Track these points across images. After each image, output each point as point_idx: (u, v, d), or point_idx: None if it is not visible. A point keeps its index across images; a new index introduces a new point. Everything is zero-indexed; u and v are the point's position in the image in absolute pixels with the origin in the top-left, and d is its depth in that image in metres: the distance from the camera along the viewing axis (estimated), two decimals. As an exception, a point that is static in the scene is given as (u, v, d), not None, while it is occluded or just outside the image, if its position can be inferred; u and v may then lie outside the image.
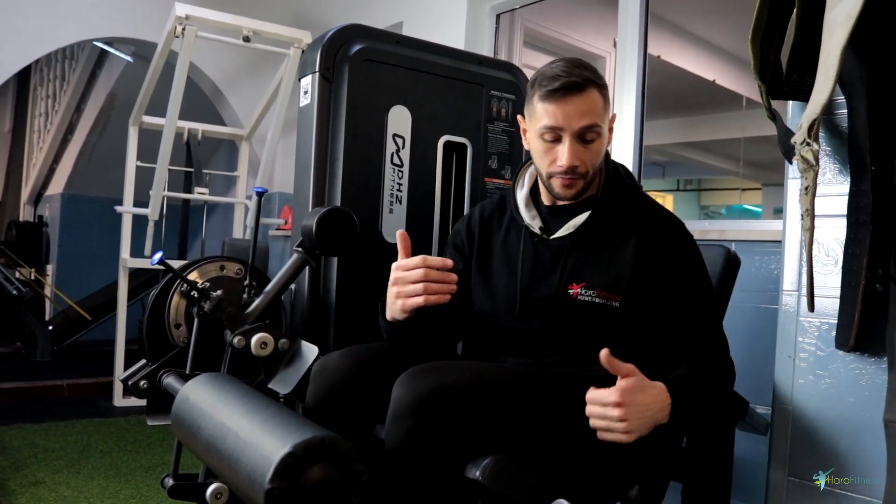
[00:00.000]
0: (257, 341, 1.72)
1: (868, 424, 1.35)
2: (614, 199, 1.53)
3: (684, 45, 5.01)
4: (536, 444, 1.31)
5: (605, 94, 1.47)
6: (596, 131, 1.43)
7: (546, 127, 1.44)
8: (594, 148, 1.45)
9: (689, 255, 1.49)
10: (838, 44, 1.21)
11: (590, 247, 1.49)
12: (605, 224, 1.50)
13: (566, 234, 1.51)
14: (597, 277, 1.46)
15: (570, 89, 1.41)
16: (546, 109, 1.43)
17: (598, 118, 1.43)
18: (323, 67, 2.09)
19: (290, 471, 1.03)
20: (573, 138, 1.43)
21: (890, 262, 1.32)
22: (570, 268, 1.48)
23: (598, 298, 1.45)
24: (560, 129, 1.43)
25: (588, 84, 1.42)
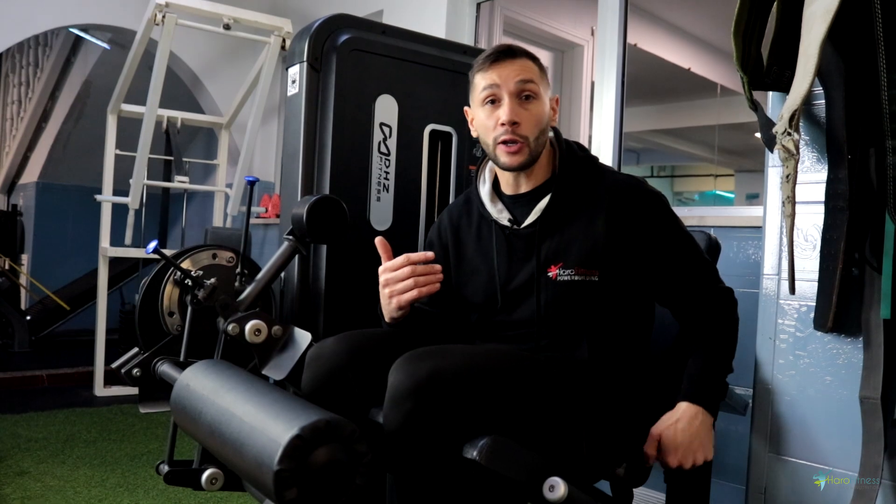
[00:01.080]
0: (251, 328, 1.75)
1: (845, 401, 1.41)
2: (573, 176, 1.55)
3: (660, 33, 5.07)
4: (530, 424, 1.35)
5: (541, 67, 1.55)
6: (532, 89, 1.49)
7: (485, 88, 1.51)
8: (533, 109, 1.50)
9: (660, 216, 1.51)
10: (817, 37, 1.26)
11: (560, 227, 1.52)
12: (570, 202, 1.53)
13: (534, 219, 1.54)
14: (572, 256, 1.49)
15: (504, 54, 1.51)
16: (483, 77, 1.52)
17: (533, 77, 1.50)
18: (311, 57, 2.10)
19: (298, 452, 1.07)
20: (511, 96, 1.49)
21: (866, 247, 1.38)
22: (545, 252, 1.52)
23: (577, 276, 1.48)
24: (497, 87, 1.50)
25: (520, 53, 1.52)
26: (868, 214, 1.36)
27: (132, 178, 4.05)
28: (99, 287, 4.28)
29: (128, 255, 4.48)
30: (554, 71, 4.22)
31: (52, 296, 5.44)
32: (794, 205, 1.28)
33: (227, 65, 4.86)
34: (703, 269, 1.53)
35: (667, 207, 1.53)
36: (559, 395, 1.39)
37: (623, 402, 1.48)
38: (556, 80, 4.21)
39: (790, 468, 1.49)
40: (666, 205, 1.53)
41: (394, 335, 1.55)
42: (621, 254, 1.48)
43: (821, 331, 1.45)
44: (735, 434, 2.13)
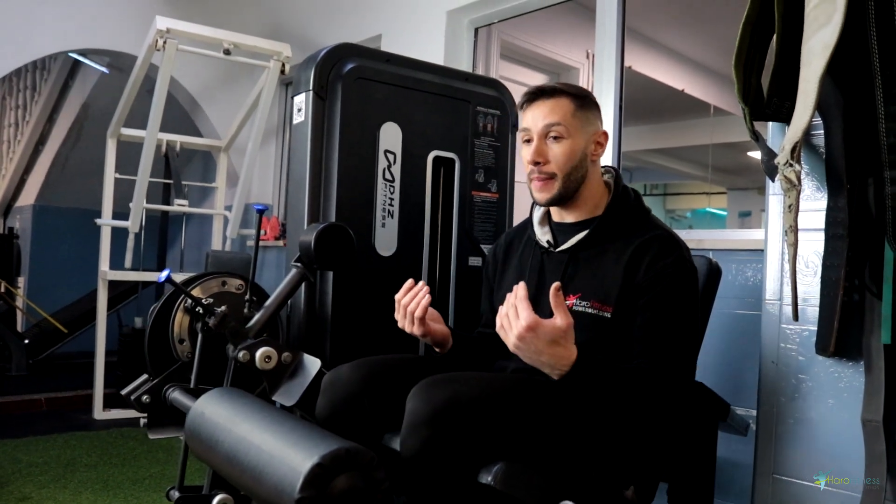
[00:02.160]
0: (262, 355, 1.77)
1: (847, 424, 1.45)
2: (617, 218, 1.61)
3: (655, 55, 5.14)
4: (543, 449, 1.38)
5: (581, 104, 1.61)
6: (558, 130, 1.57)
7: (521, 130, 1.64)
8: (559, 147, 1.58)
9: (675, 272, 1.51)
10: (816, 72, 1.30)
11: (588, 260, 1.59)
12: (605, 239, 1.59)
13: (567, 247, 1.62)
14: (590, 289, 1.55)
15: (537, 95, 1.61)
16: (522, 116, 1.64)
17: (562, 118, 1.58)
18: (317, 86, 2.14)
19: (319, 480, 1.09)
20: (539, 137, 1.59)
21: (865, 273, 1.42)
22: (569, 279, 1.58)
23: (591, 309, 1.53)
24: (528, 130, 1.61)
25: (557, 92, 1.60)
26: (867, 242, 1.40)
27: (132, 202, 4.06)
28: (98, 310, 4.28)
29: (127, 278, 4.49)
30: (550, 93, 4.27)
31: (49, 319, 5.43)
32: (797, 233, 1.32)
33: (224, 88, 4.90)
34: (672, 344, 1.50)
35: (684, 278, 1.52)
36: (571, 421, 1.41)
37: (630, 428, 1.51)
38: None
39: (794, 489, 1.52)
40: (685, 275, 1.53)
41: (408, 361, 1.58)
42: (630, 297, 1.52)
43: (823, 355, 1.48)
44: (737, 455, 2.16)
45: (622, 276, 1.52)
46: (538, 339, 1.33)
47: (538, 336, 1.33)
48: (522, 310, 1.33)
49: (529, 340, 1.33)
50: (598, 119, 1.65)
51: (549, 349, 1.35)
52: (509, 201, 2.52)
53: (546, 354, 1.35)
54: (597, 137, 1.63)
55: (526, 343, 1.33)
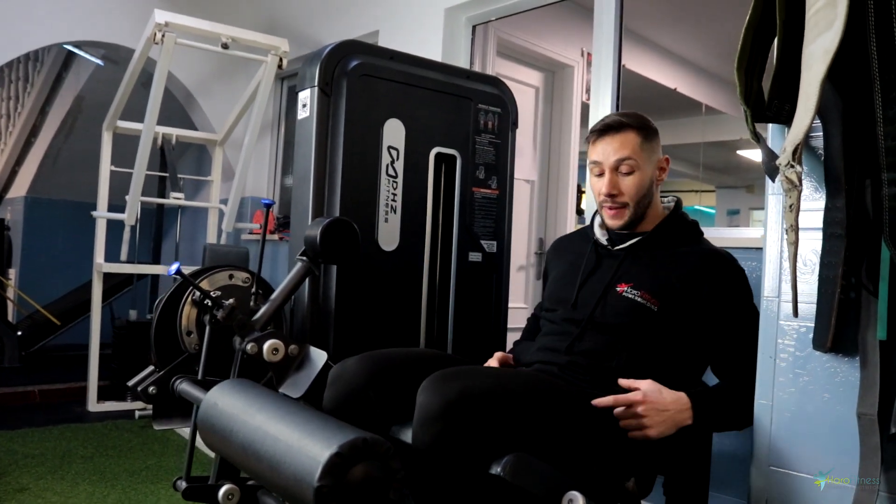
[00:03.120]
0: (269, 347, 1.80)
1: (843, 417, 1.49)
2: (672, 230, 1.75)
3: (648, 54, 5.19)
4: (551, 441, 1.42)
5: (647, 135, 1.71)
6: (629, 164, 1.68)
7: (592, 162, 1.74)
8: (631, 179, 1.69)
9: (736, 287, 1.67)
10: (817, 76, 1.34)
11: (644, 258, 1.72)
12: (660, 245, 1.73)
13: (624, 246, 1.74)
14: (643, 281, 1.67)
15: (607, 129, 1.71)
16: (591, 151, 1.74)
17: (632, 152, 1.68)
18: (322, 82, 2.17)
19: (337, 469, 1.12)
20: (611, 170, 1.70)
21: (862, 272, 1.46)
22: (623, 271, 1.70)
23: (640, 298, 1.64)
24: (600, 163, 1.71)
25: (624, 126, 1.70)
26: (864, 241, 1.44)
27: (129, 195, 4.07)
28: (93, 302, 4.29)
29: (123, 270, 4.49)
30: (545, 91, 4.32)
31: (42, 310, 5.42)
32: (798, 233, 1.36)
33: (219, 82, 4.91)
34: (751, 345, 1.63)
35: (744, 282, 1.70)
36: (578, 414, 1.45)
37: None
38: (546, 100, 4.31)
39: (790, 481, 1.56)
40: (744, 280, 1.70)
41: (414, 355, 1.62)
42: (686, 302, 1.63)
43: (820, 351, 1.52)
44: (732, 448, 2.21)
45: (680, 281, 1.65)
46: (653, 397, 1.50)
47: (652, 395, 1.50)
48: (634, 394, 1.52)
49: (651, 405, 1.50)
50: (659, 146, 1.75)
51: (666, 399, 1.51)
52: (509, 198, 2.56)
53: (669, 407, 1.51)
54: (660, 164, 1.75)
55: (650, 408, 1.50)
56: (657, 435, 1.49)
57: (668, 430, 1.50)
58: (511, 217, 2.58)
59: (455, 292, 2.40)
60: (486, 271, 2.49)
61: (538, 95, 4.27)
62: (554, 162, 4.29)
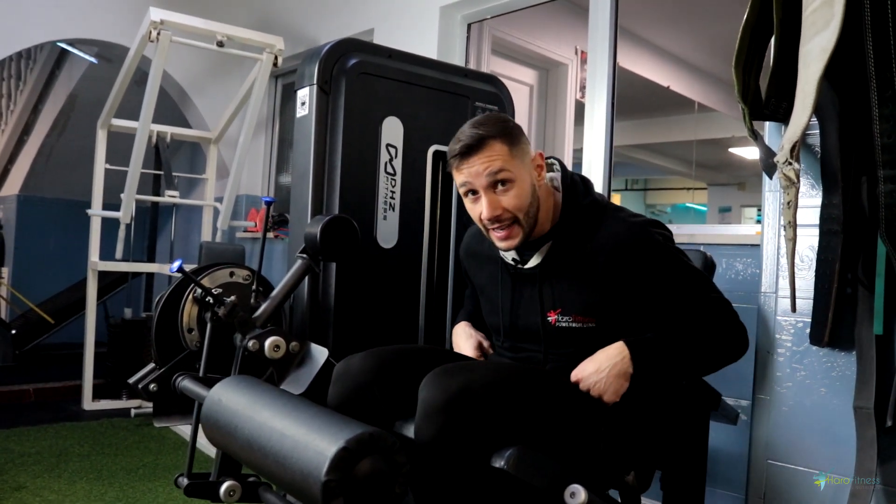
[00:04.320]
0: (271, 344, 1.81)
1: (839, 411, 1.51)
2: (574, 223, 1.58)
3: (641, 52, 5.21)
4: (552, 434, 1.44)
5: (512, 139, 1.53)
6: (504, 176, 1.51)
7: (461, 184, 1.57)
8: (512, 193, 1.52)
9: (659, 265, 1.52)
10: (815, 74, 1.36)
11: (559, 274, 1.58)
12: (570, 248, 1.57)
13: (535, 264, 1.60)
14: (569, 304, 1.57)
15: (468, 150, 1.52)
16: (457, 174, 1.57)
17: (503, 163, 1.51)
18: (321, 80, 2.18)
19: (344, 464, 1.13)
20: (486, 191, 1.52)
21: (858, 268, 1.48)
22: (546, 296, 1.59)
23: (574, 323, 1.56)
24: (471, 184, 1.54)
25: (485, 139, 1.51)
26: (861, 238, 1.47)
27: (124, 193, 4.06)
28: (88, 300, 4.28)
29: (118, 269, 4.48)
30: (539, 89, 4.33)
31: (35, 309, 5.41)
32: (796, 229, 1.38)
33: (213, 80, 4.90)
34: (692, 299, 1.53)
35: (666, 254, 1.53)
36: (579, 407, 1.47)
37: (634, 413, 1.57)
38: (540, 98, 4.33)
39: (788, 474, 1.59)
40: (665, 251, 1.53)
41: (418, 351, 1.63)
42: (619, 302, 1.54)
43: (816, 345, 1.55)
44: (728, 443, 2.23)
45: (601, 284, 1.53)
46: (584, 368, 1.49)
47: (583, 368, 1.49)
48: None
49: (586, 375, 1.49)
50: (528, 144, 1.59)
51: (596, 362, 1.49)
52: (506, 195, 2.57)
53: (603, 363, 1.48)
54: (535, 163, 1.58)
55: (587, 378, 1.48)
56: (614, 394, 1.46)
57: (618, 385, 1.46)
58: (508, 214, 2.59)
59: (453, 289, 2.41)
60: (484, 268, 2.50)
61: (532, 93, 4.29)
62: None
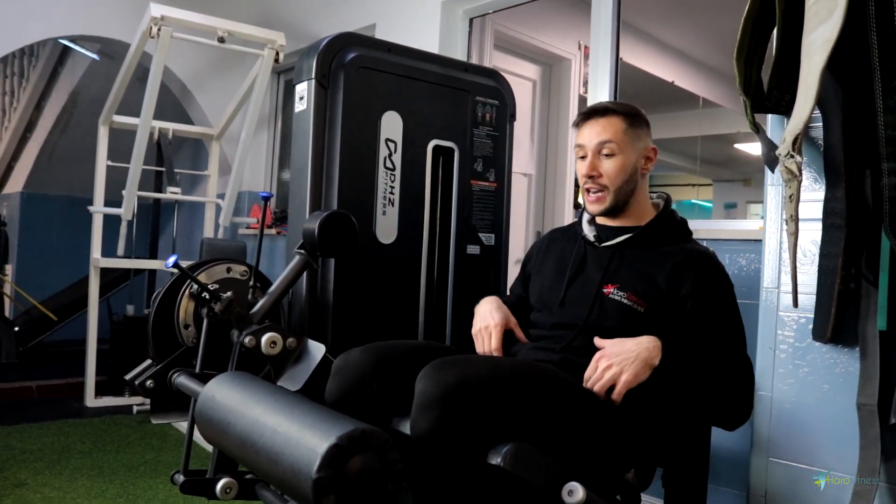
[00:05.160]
0: (267, 340, 1.80)
1: (842, 408, 1.49)
2: (660, 229, 1.71)
3: (645, 47, 5.17)
4: (550, 431, 1.42)
5: (632, 122, 1.70)
6: (610, 147, 1.67)
7: (576, 146, 1.74)
8: (612, 162, 1.67)
9: (719, 288, 1.62)
10: (818, 66, 1.34)
11: (631, 257, 1.68)
12: (648, 244, 1.69)
13: (612, 243, 1.71)
14: (629, 282, 1.64)
15: (592, 114, 1.72)
16: (577, 134, 1.74)
17: (613, 135, 1.67)
18: (319, 74, 2.16)
19: (336, 461, 1.12)
20: (593, 153, 1.69)
21: (862, 262, 1.46)
22: (610, 270, 1.67)
23: (627, 300, 1.62)
24: (582, 146, 1.71)
25: (608, 112, 1.70)
26: (864, 232, 1.44)
27: (125, 190, 4.05)
28: (90, 298, 4.27)
29: (120, 265, 4.48)
30: (542, 84, 4.31)
31: (39, 306, 5.41)
32: (798, 223, 1.35)
33: (215, 76, 4.89)
34: (729, 338, 1.59)
35: (723, 281, 1.64)
36: (578, 404, 1.45)
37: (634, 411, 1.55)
38: (543, 94, 4.30)
39: (790, 472, 1.56)
40: (726, 287, 1.64)
41: (417, 347, 1.61)
42: (670, 304, 1.60)
43: (819, 341, 1.52)
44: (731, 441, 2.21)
45: (665, 280, 1.61)
46: (613, 348, 1.50)
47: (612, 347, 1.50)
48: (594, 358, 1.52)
49: (612, 355, 1.49)
50: (648, 136, 1.73)
51: (627, 345, 1.49)
52: (507, 190, 2.55)
53: (633, 350, 1.48)
54: (646, 153, 1.72)
55: (612, 358, 1.49)
56: (632, 378, 1.46)
57: (640, 370, 1.47)
58: (509, 210, 2.57)
59: (453, 285, 2.40)
60: (485, 264, 2.49)
61: (535, 89, 4.26)
62: (551, 155, 4.28)
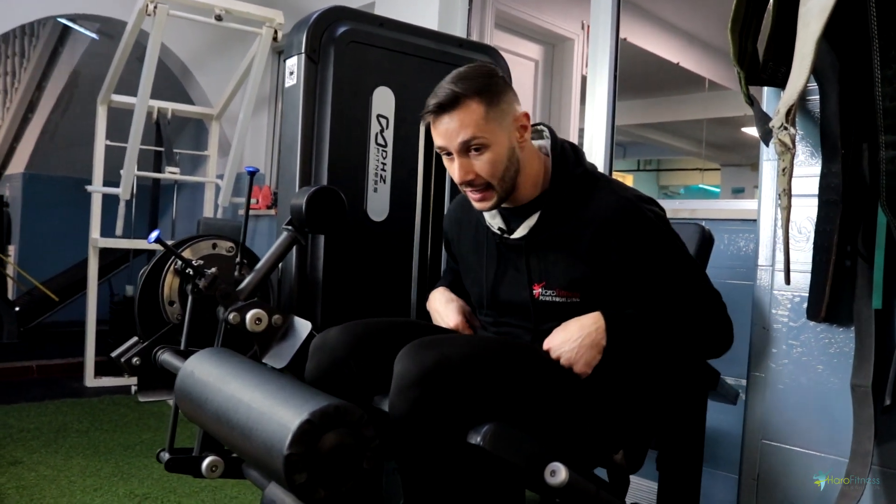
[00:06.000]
0: (252, 317, 1.77)
1: (836, 389, 1.45)
2: (564, 192, 1.51)
3: (650, 27, 5.11)
4: (532, 411, 1.39)
5: (491, 98, 1.44)
6: (479, 143, 1.43)
7: (436, 145, 1.50)
8: (486, 158, 1.44)
9: (650, 244, 1.45)
10: (813, 34, 1.29)
11: (546, 246, 1.51)
12: (559, 220, 1.50)
13: (522, 234, 1.53)
14: (554, 278, 1.50)
15: (441, 108, 1.43)
16: (434, 131, 1.48)
17: (477, 129, 1.42)
18: (309, 49, 2.11)
19: (307, 437, 1.09)
20: (459, 154, 1.45)
21: (858, 239, 1.41)
22: (532, 269, 1.53)
23: (559, 297, 1.50)
24: (445, 148, 1.47)
25: (460, 98, 1.42)
26: (861, 207, 1.40)
27: (123, 169, 4.04)
28: (89, 278, 4.27)
29: (118, 245, 4.47)
30: (545, 64, 4.25)
31: (40, 287, 5.42)
32: (791, 197, 1.31)
33: (216, 56, 4.85)
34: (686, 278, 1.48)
35: (655, 233, 1.47)
36: (560, 383, 1.42)
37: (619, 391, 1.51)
38: (546, 74, 4.24)
39: (783, 455, 1.53)
40: (655, 230, 1.47)
41: (397, 325, 1.58)
42: (605, 278, 1.47)
43: (814, 321, 1.48)
44: (727, 424, 2.17)
45: (587, 259, 1.46)
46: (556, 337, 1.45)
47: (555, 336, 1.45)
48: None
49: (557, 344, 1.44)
50: (512, 102, 1.48)
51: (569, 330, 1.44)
52: (502, 169, 2.51)
53: (576, 332, 1.42)
54: (518, 123, 1.48)
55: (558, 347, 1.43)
56: (585, 365, 1.40)
57: (591, 355, 1.40)
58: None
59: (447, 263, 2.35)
60: (479, 244, 2.44)
61: (538, 69, 4.20)
62: (553, 136, 4.22)
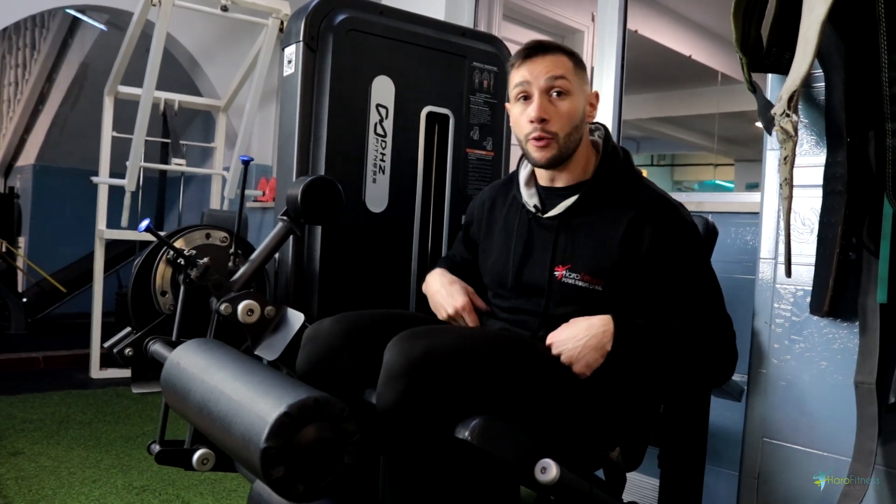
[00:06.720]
0: (244, 308, 1.74)
1: (840, 386, 1.40)
2: (607, 182, 1.53)
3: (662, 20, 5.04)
4: (523, 405, 1.35)
5: (577, 62, 1.54)
6: (562, 86, 1.49)
7: (516, 85, 1.53)
8: (564, 105, 1.49)
9: (680, 240, 1.47)
10: (818, 18, 1.24)
11: (579, 229, 1.51)
12: (596, 206, 1.51)
13: (556, 214, 1.54)
14: (582, 261, 1.49)
15: (536, 50, 1.52)
16: (515, 73, 1.54)
17: (565, 73, 1.50)
18: (307, 37, 2.08)
19: (285, 430, 1.06)
20: (541, 93, 1.49)
21: (863, 231, 1.37)
22: (559, 249, 1.52)
23: (582, 282, 1.48)
24: (528, 84, 1.51)
25: (554, 48, 1.52)
26: (866, 198, 1.35)
27: (129, 161, 4.03)
28: (95, 269, 4.27)
29: (124, 237, 4.47)
30: (554, 56, 4.19)
31: (48, 278, 5.43)
32: (792, 187, 1.27)
33: (224, 47, 4.83)
34: (705, 297, 1.47)
35: (690, 239, 1.48)
36: (554, 380, 1.38)
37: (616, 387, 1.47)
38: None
39: (784, 453, 1.48)
40: (691, 236, 1.49)
41: (391, 316, 1.55)
42: (631, 271, 1.46)
43: (817, 315, 1.44)
44: (730, 420, 2.13)
45: (619, 247, 1.45)
46: (562, 334, 1.41)
47: (560, 333, 1.41)
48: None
49: (562, 341, 1.40)
50: (588, 81, 1.58)
51: (576, 329, 1.40)
52: (505, 160, 2.46)
53: (582, 333, 1.39)
54: (591, 99, 1.57)
55: (562, 344, 1.40)
56: (585, 367, 1.37)
57: (593, 357, 1.37)
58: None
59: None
60: (481, 236, 2.41)
61: (546, 61, 4.15)
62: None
